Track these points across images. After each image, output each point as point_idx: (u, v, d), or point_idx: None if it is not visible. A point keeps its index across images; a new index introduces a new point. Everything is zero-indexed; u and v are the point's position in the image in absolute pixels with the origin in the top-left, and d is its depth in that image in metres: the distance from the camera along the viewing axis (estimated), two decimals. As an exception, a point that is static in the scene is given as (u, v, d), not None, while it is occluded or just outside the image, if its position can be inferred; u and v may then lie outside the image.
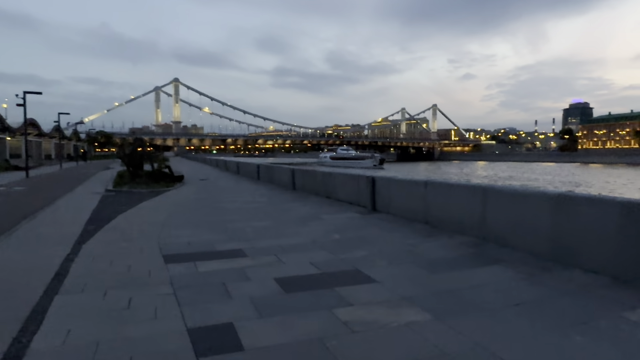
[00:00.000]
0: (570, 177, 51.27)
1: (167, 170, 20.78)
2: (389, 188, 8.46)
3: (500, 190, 5.59)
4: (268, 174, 18.49)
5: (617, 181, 43.62)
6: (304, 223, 7.89)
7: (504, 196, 5.50)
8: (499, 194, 5.59)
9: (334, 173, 11.30)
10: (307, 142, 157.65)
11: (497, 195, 5.61)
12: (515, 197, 5.32)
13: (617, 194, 28.48)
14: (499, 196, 5.57)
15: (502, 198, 5.52)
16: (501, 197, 5.54)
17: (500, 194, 5.57)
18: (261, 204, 11.22)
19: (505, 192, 5.51)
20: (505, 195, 5.48)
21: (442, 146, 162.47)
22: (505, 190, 5.54)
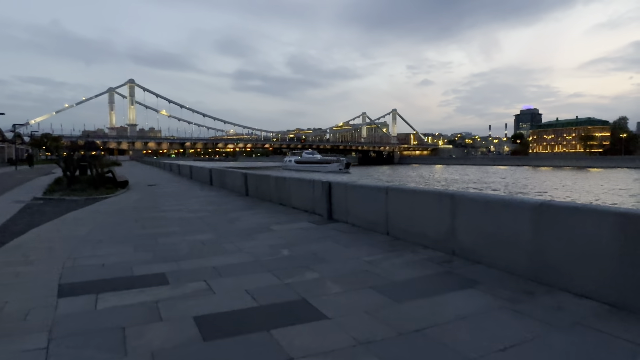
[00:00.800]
0: (523, 180, 52.89)
1: (110, 175, 19.10)
2: (346, 195, 7.60)
3: (472, 199, 4.82)
4: (220, 179, 17.27)
5: (571, 184, 45.31)
6: (250, 236, 6.88)
7: (476, 205, 4.74)
8: (470, 202, 4.83)
9: (287, 178, 10.34)
10: (269, 145, 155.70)
11: (469, 203, 4.85)
12: (490, 206, 4.57)
13: (570, 198, 29.35)
14: (471, 205, 4.81)
15: (474, 207, 4.76)
16: (473, 206, 4.78)
17: (472, 202, 4.81)
18: (207, 212, 10.07)
19: (477, 201, 4.75)
20: (478, 203, 4.72)
21: (401, 150, 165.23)
22: (477, 198, 4.78)
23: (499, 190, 36.50)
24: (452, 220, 5.06)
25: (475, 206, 4.75)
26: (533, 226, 4.04)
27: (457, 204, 4.99)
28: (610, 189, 38.02)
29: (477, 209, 4.71)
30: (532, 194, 33.60)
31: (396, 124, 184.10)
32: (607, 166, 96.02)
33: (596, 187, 40.28)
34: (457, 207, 4.99)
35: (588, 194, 33.37)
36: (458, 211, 4.98)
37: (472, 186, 42.78)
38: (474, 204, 4.77)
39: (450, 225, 5.09)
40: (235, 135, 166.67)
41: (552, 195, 32.41)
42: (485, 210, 4.60)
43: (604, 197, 30.91)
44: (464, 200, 4.92)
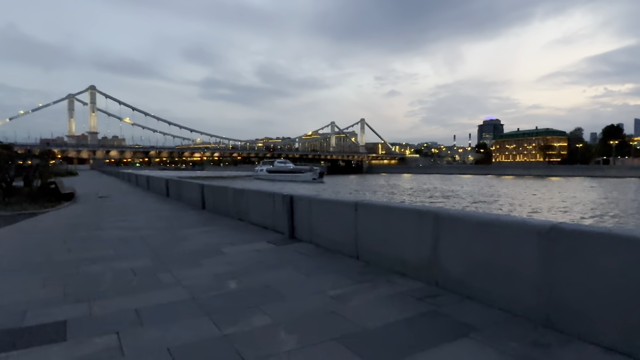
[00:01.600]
0: (488, 188, 53.62)
1: (54, 187, 17.38)
2: (310, 210, 6.61)
3: (461, 218, 3.93)
4: (177, 191, 15.92)
5: (539, 194, 46.09)
6: (196, 261, 5.76)
7: (465, 226, 3.86)
8: (458, 222, 3.93)
9: (246, 190, 9.23)
10: (237, 154, 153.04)
11: (456, 224, 3.95)
12: (483, 227, 3.69)
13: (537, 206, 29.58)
14: (459, 225, 3.92)
15: (462, 228, 3.87)
16: (462, 226, 3.89)
17: (460, 222, 3.92)
18: (153, 230, 8.83)
19: (467, 221, 3.86)
20: (468, 224, 3.83)
21: (370, 159, 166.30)
22: (467, 217, 3.89)
23: (467, 201, 36.51)
24: (435, 244, 4.16)
25: (464, 227, 3.87)
26: (541, 254, 3.17)
27: (442, 224, 4.10)
28: (584, 199, 38.85)
29: (467, 231, 3.83)
30: (505, 203, 33.73)
31: (364, 133, 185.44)
32: (565, 175, 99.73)
33: (563, 196, 41.13)
34: (442, 228, 4.09)
35: (560, 202, 33.82)
36: (443, 233, 4.09)
37: (438, 194, 42.81)
38: (463, 224, 3.88)
39: (433, 249, 4.19)
40: (202, 144, 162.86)
41: (524, 204, 32.61)
42: (478, 232, 3.72)
43: (578, 207, 31.35)
44: (450, 220, 4.03)
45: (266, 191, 8.20)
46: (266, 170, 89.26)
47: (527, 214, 26.14)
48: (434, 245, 4.18)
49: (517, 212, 26.57)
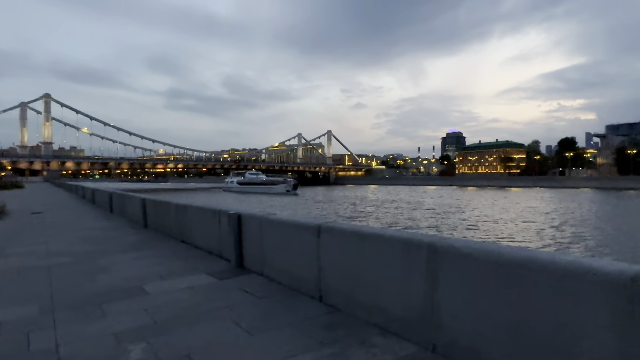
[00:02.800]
0: (453, 199, 53.75)
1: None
2: (261, 233, 5.19)
3: (471, 254, 2.63)
4: (121, 206, 14.06)
5: (504, 204, 46.36)
6: (101, 307, 4.21)
7: (479, 265, 2.57)
8: (467, 260, 2.64)
9: (189, 207, 7.69)
10: (202, 166, 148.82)
11: (464, 262, 2.66)
12: (508, 270, 2.41)
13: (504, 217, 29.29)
14: (469, 265, 2.63)
15: (475, 269, 2.59)
16: (473, 266, 2.60)
17: (470, 260, 2.62)
18: (72, 257, 7.13)
19: (482, 258, 2.57)
20: (483, 263, 2.55)
21: (337, 171, 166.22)
22: (482, 254, 2.59)
23: (435, 212, 36.00)
24: (432, 290, 2.87)
25: (476, 267, 2.58)
26: (613, 316, 1.93)
27: (442, 261, 2.81)
28: (552, 209, 39.14)
29: (481, 274, 2.55)
30: (472, 216, 33.33)
31: (331, 145, 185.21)
32: (525, 186, 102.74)
33: (523, 207, 41.44)
34: (442, 267, 2.80)
35: (529, 215, 33.75)
36: (443, 274, 2.79)
37: (405, 205, 42.24)
38: (475, 263, 2.59)
39: (428, 297, 2.89)
40: (165, 155, 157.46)
41: (491, 215, 32.29)
42: (499, 276, 2.45)
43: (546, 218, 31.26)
44: (454, 256, 2.73)
45: (210, 208, 6.70)
46: (237, 182, 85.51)
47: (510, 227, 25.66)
48: (429, 291, 2.89)
49: (487, 224, 26.12)
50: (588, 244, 18.94)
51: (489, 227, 24.99)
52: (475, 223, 27.17)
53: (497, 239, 20.11)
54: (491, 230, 23.49)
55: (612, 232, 22.62)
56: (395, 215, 33.36)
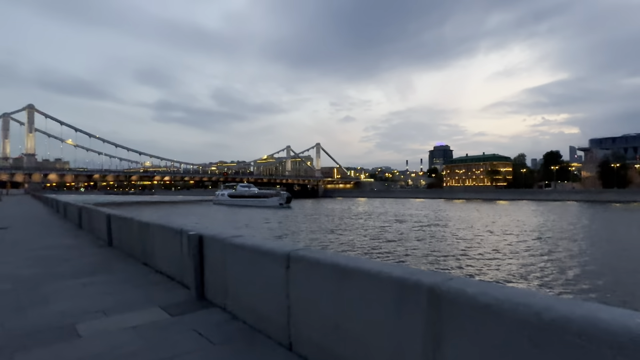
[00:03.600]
0: (442, 212, 53.30)
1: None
2: (224, 259, 4.37)
3: (487, 305, 1.85)
4: (89, 221, 13.05)
5: (494, 219, 46.02)
6: (11, 359, 3.33)
7: (502, 323, 1.78)
8: (483, 314, 1.86)
9: (151, 224, 6.80)
10: (189, 178, 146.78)
11: (478, 317, 1.88)
12: (553, 334, 1.63)
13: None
14: (486, 321, 1.85)
15: (495, 328, 1.81)
16: (492, 324, 1.82)
17: (486, 314, 1.85)
18: (11, 282, 6.18)
19: (506, 313, 1.79)
20: (508, 320, 1.76)
21: (325, 183, 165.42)
22: (503, 303, 1.80)
23: (424, 223, 35.34)
24: (434, 351, 2.07)
25: (500, 328, 1.80)
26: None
27: (447, 315, 2.02)
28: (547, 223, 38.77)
29: (510, 339, 1.76)
30: (465, 227, 32.73)
31: (320, 157, 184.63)
32: (512, 198, 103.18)
33: (514, 220, 41.09)
34: (447, 324, 2.02)
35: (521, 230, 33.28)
36: (449, 334, 2.01)
37: (392, 219, 41.57)
38: (497, 320, 1.81)
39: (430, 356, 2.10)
40: (152, 168, 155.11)
41: (479, 228, 31.73)
42: (538, 342, 1.66)
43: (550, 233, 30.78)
44: (465, 307, 1.95)
45: (172, 227, 5.84)
46: (228, 195, 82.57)
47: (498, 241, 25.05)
48: (430, 353, 2.09)
49: (483, 237, 25.51)
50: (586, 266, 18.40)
51: (479, 241, 24.37)
52: (464, 236, 26.55)
53: (486, 254, 19.46)
54: (481, 245, 22.86)
55: (611, 249, 22.16)
56: (382, 228, 32.63)
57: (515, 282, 13.81)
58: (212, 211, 61.33)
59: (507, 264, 17.03)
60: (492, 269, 15.99)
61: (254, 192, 78.99)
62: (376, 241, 24.60)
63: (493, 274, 15.06)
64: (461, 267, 16.53)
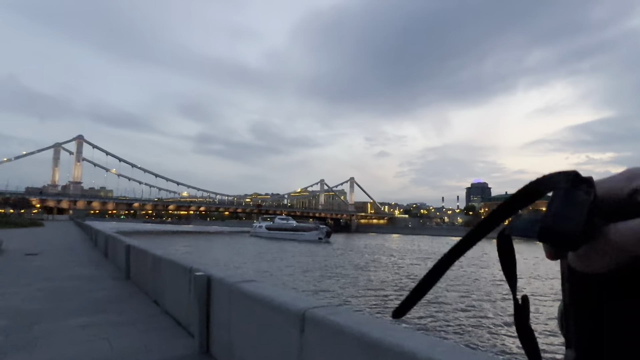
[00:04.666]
0: (481, 253, 50.54)
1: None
2: (230, 308, 3.63)
3: None
4: (113, 250, 12.72)
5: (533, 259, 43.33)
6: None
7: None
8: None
9: (163, 259, 6.19)
10: (224, 209, 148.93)
11: None
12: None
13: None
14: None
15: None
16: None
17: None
18: (13, 318, 5.67)
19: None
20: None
21: (359, 218, 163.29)
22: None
23: (466, 263, 33.32)
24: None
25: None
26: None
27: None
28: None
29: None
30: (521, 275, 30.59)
31: (354, 192, 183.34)
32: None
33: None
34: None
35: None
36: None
37: (433, 257, 39.58)
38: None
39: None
40: (189, 198, 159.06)
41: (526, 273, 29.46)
42: None
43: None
44: None
45: (182, 264, 5.19)
46: (265, 227, 79.94)
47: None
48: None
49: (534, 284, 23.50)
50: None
51: (528, 289, 22.41)
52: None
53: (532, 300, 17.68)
54: (531, 291, 20.92)
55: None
56: (420, 268, 30.98)
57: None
58: (248, 243, 60.19)
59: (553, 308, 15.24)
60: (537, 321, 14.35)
61: (292, 225, 76.13)
62: (409, 280, 23.14)
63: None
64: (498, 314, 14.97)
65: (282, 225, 77.72)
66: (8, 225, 42.57)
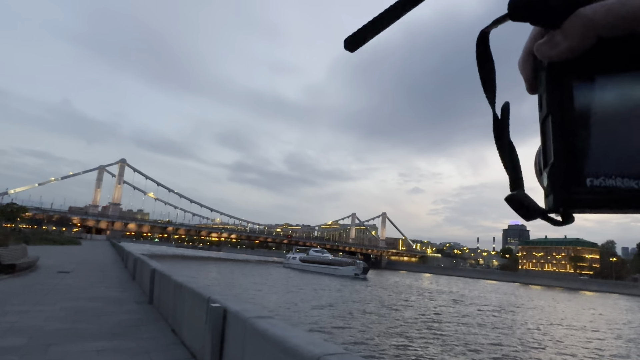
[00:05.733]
0: (522, 300, 47.79)
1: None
2: (244, 345, 3.40)
3: None
4: (140, 273, 12.79)
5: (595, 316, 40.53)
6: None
7: None
8: None
9: (184, 286, 6.05)
10: (254, 238, 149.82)
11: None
12: None
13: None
14: None
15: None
16: None
17: None
18: (32, 338, 5.64)
19: None
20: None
21: (389, 254, 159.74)
22: None
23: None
24: None
25: None
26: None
27: None
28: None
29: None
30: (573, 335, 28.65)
31: (385, 227, 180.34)
32: (599, 290, 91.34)
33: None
34: None
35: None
36: None
37: (469, 302, 37.71)
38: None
39: None
40: (221, 225, 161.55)
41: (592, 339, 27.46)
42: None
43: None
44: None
45: (201, 293, 5.01)
46: (299, 259, 77.09)
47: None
48: None
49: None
50: None
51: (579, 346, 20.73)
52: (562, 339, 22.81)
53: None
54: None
55: None
56: (465, 329, 29.50)
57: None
58: (279, 275, 58.41)
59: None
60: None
61: (327, 259, 72.35)
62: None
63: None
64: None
65: (317, 258, 74.60)
66: (48, 242, 44.27)
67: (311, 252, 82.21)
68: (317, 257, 75.14)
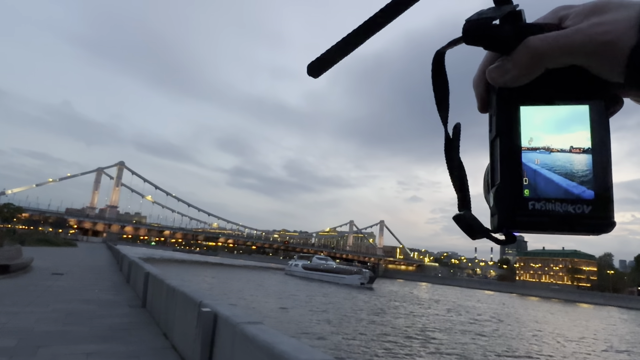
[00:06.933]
0: (518, 309, 47.61)
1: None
2: (233, 350, 3.36)
3: None
4: (135, 276, 12.71)
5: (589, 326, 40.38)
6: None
7: None
8: None
9: (177, 290, 6.00)
10: (251, 243, 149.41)
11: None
12: None
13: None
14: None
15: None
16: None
17: None
18: (22, 339, 5.58)
19: None
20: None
21: (387, 263, 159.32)
22: None
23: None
24: None
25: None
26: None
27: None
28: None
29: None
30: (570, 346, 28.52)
31: (383, 235, 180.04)
32: (596, 303, 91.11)
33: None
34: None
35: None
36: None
37: (459, 310, 37.55)
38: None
39: None
40: (218, 229, 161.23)
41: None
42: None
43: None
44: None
45: (193, 297, 4.97)
46: (302, 267, 74.55)
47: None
48: None
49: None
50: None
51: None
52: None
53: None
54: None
55: None
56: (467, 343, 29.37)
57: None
58: (280, 282, 56.07)
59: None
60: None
61: (331, 267, 69.41)
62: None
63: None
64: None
65: (320, 265, 72.01)
66: (43, 244, 44.06)
67: (314, 259, 79.57)
68: (320, 264, 72.57)
